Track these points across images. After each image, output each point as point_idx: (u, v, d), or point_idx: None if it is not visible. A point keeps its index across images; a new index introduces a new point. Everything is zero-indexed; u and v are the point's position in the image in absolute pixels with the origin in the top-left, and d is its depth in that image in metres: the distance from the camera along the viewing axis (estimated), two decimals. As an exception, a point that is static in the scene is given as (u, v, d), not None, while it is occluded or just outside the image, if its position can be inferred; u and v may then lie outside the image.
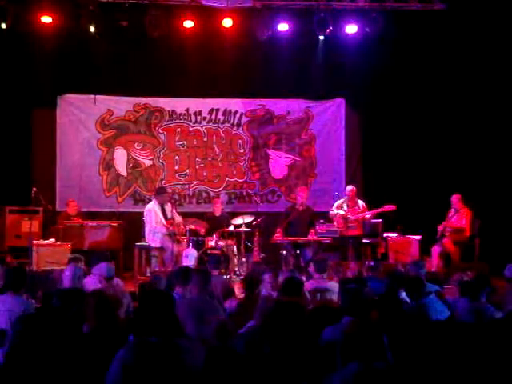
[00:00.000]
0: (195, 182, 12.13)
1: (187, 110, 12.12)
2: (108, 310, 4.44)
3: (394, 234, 10.55)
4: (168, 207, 10.12)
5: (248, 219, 10.66)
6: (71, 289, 5.88)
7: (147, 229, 9.94)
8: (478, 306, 5.46)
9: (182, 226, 10.08)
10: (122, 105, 11.96)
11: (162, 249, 9.76)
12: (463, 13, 10.49)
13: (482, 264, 9.13)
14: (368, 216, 10.42)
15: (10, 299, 5.35)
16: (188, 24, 10.76)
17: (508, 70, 10.72)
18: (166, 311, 3.70)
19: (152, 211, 9.89)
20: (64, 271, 6.28)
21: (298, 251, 10.03)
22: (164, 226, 9.79)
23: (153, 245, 9.85)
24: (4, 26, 10.32)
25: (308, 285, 6.74)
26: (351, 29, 10.92)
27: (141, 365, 3.46)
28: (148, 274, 9.54)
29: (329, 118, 12.31)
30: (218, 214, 10.90)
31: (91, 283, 6.52)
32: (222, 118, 12.19)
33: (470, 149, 11.15)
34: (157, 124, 12.05)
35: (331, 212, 10.64)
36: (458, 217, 10.23)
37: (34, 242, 9.77)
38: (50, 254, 9.34)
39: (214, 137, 12.21)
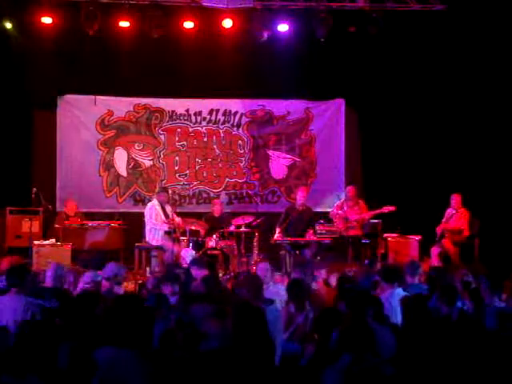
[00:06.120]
0: (195, 183, 12.14)
1: (187, 110, 12.14)
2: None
3: (394, 235, 10.57)
4: (168, 207, 10.15)
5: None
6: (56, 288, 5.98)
7: (147, 227, 9.96)
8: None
9: (181, 224, 10.08)
10: (122, 105, 11.98)
11: (161, 249, 9.78)
12: (463, 14, 10.49)
13: (479, 264, 9.13)
14: (367, 216, 10.44)
15: (14, 298, 5.35)
16: (188, 24, 10.77)
17: (508, 70, 10.72)
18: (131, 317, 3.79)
19: (153, 208, 9.93)
20: (46, 271, 6.32)
21: (297, 251, 10.04)
22: (164, 222, 9.82)
23: (153, 243, 9.86)
24: (9, 25, 10.39)
25: None
26: (350, 29, 10.93)
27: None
28: (148, 274, 9.55)
29: (329, 118, 12.32)
30: (217, 214, 10.90)
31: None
32: (222, 119, 12.20)
33: (470, 149, 11.14)
34: (157, 124, 12.07)
35: (331, 212, 10.67)
36: (457, 217, 10.24)
37: (35, 242, 9.82)
38: (51, 255, 9.34)
39: (214, 137, 12.22)
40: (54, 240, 9.98)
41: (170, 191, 10.83)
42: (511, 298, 5.82)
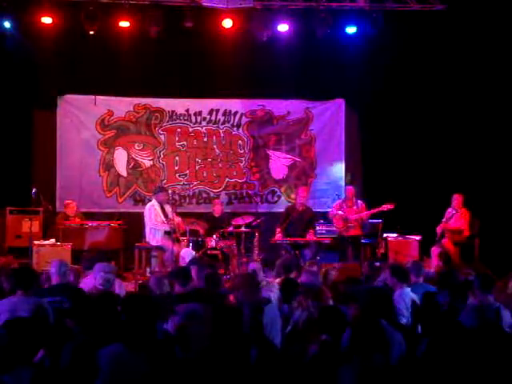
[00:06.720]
0: (195, 183, 12.14)
1: (187, 110, 12.13)
2: None
3: (394, 234, 10.57)
4: (168, 207, 10.14)
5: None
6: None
7: (147, 227, 9.95)
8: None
9: (182, 225, 10.08)
10: (122, 105, 11.98)
11: (161, 249, 9.77)
12: (463, 14, 10.50)
13: (480, 264, 9.15)
14: (365, 216, 10.44)
15: (24, 299, 5.32)
16: (188, 24, 10.77)
17: (508, 70, 10.72)
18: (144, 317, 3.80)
19: (152, 208, 9.92)
20: (50, 268, 6.31)
21: (297, 251, 10.04)
22: (164, 222, 9.81)
23: (153, 243, 9.85)
24: (8, 25, 10.40)
25: None
26: (351, 29, 10.95)
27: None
28: (148, 274, 9.55)
29: (329, 118, 12.32)
30: (217, 214, 10.90)
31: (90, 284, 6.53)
32: (222, 119, 12.20)
33: (470, 149, 11.14)
34: (157, 124, 12.06)
35: (330, 212, 10.67)
36: (457, 217, 10.24)
37: (35, 242, 9.81)
38: (51, 255, 9.33)
39: (214, 137, 12.22)
40: (53, 240, 9.97)
41: (169, 191, 10.82)
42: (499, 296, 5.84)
